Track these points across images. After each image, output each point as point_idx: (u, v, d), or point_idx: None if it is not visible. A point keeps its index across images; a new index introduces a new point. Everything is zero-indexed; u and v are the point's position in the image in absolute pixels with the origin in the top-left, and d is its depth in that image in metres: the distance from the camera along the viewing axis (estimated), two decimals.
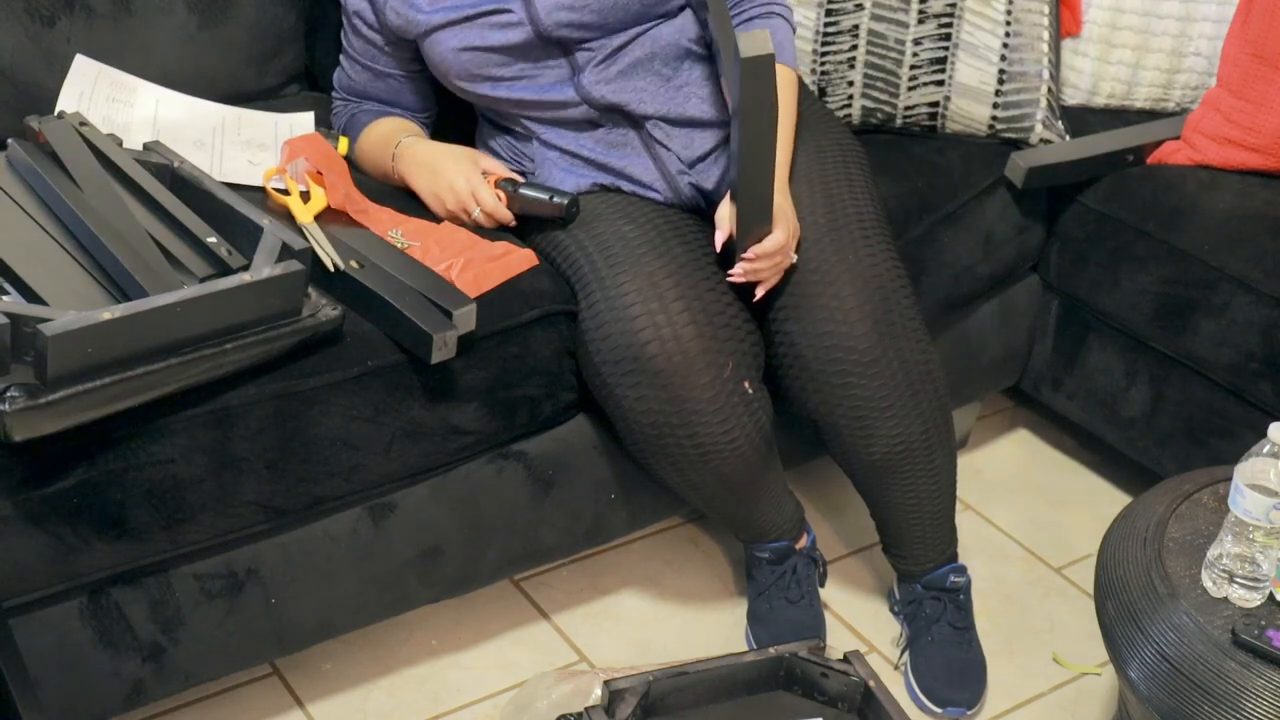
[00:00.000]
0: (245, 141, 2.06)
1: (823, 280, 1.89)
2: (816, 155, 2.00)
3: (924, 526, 2.04)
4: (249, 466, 1.70)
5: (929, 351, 1.93)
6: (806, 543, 2.15)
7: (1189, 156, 2.33)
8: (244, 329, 1.64)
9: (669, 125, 1.96)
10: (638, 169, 1.97)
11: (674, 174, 1.97)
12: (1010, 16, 2.32)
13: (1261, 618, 1.61)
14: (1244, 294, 2.15)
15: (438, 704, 2.02)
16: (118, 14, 2.06)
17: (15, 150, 1.81)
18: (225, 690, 1.99)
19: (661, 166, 1.97)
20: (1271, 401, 2.13)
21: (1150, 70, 2.41)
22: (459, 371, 1.80)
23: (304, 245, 1.75)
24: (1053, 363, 2.45)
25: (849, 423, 1.92)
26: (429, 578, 1.94)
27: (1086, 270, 2.35)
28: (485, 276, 1.86)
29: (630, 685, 1.76)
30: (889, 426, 1.92)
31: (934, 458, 1.97)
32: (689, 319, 1.79)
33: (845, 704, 1.83)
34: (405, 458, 1.81)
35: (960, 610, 2.08)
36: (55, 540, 1.61)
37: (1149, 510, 1.79)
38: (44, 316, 1.51)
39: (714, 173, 1.98)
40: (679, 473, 1.89)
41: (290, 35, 2.25)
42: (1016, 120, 2.34)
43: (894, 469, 1.96)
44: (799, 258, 1.89)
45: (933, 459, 1.97)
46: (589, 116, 1.96)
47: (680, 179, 1.97)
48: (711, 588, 2.25)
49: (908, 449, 1.94)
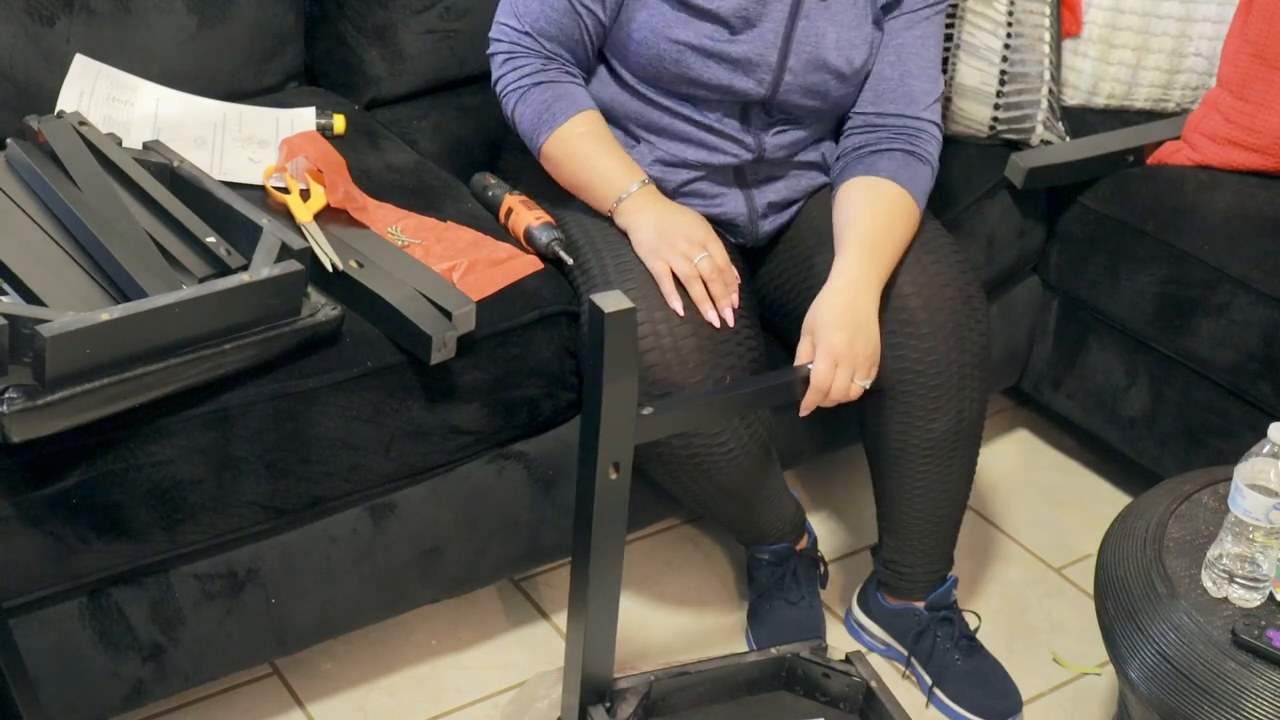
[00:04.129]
0: (246, 138, 2.06)
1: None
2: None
3: (943, 525, 2.01)
4: (249, 467, 1.70)
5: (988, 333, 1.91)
6: (807, 544, 2.14)
7: (1189, 157, 2.33)
8: (243, 329, 1.64)
9: (779, 180, 1.98)
10: (730, 205, 1.97)
11: (758, 217, 1.98)
12: (1011, 17, 2.32)
13: (1261, 618, 1.61)
14: (1244, 294, 2.15)
15: (438, 704, 2.02)
16: (117, 13, 2.06)
17: (14, 150, 1.81)
18: (225, 690, 1.99)
19: (751, 205, 1.97)
20: (1271, 401, 2.13)
21: (1150, 70, 2.41)
22: (459, 372, 1.80)
23: (303, 245, 1.75)
24: (1053, 363, 2.45)
25: (925, 392, 1.87)
26: (429, 578, 1.94)
27: (1086, 270, 2.35)
28: (488, 280, 1.86)
29: (631, 685, 1.77)
30: (959, 399, 1.88)
31: (978, 444, 1.96)
32: (690, 330, 1.78)
33: (847, 704, 1.83)
34: (405, 458, 1.81)
35: (961, 620, 2.08)
36: (55, 540, 1.61)
37: (1149, 510, 1.78)
38: (42, 317, 1.51)
39: (783, 217, 2.01)
40: (675, 479, 1.89)
41: (290, 34, 2.25)
42: (1017, 121, 2.34)
43: (948, 449, 1.92)
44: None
45: (977, 445, 1.96)
46: (736, 161, 1.94)
47: (762, 223, 1.98)
48: (712, 588, 2.25)
49: (970, 426, 1.92)
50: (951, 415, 1.89)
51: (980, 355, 1.89)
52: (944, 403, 1.88)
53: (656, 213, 1.84)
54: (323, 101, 2.21)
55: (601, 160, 1.88)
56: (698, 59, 1.85)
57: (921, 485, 1.95)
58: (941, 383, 1.87)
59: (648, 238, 1.82)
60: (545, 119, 1.88)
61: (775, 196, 1.98)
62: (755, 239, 2.01)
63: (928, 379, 1.86)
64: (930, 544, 2.02)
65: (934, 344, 1.85)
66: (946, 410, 1.88)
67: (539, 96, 1.89)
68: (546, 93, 1.89)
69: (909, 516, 2.00)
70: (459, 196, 2.06)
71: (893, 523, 2.03)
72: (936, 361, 1.86)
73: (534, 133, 1.90)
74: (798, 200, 2.01)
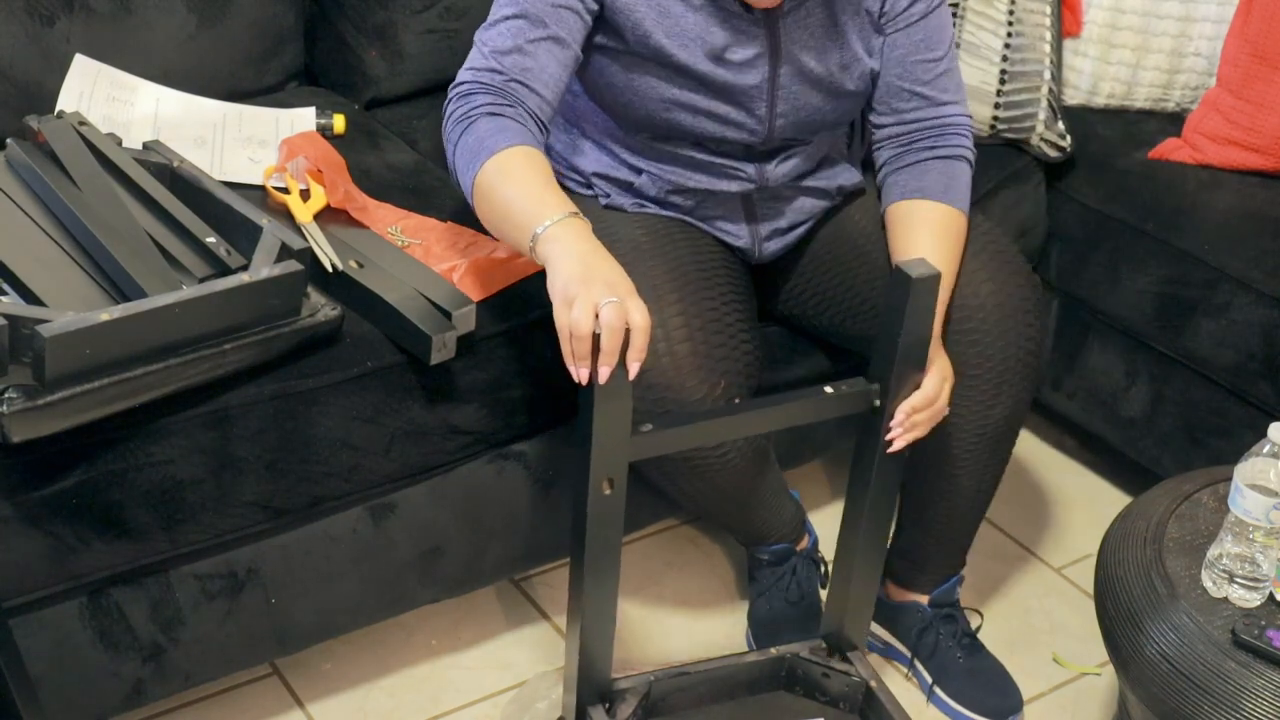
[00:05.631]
0: (246, 138, 2.06)
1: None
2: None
3: (967, 520, 2.00)
4: (249, 467, 1.70)
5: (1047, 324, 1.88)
6: (808, 544, 2.14)
7: (1189, 156, 2.33)
8: (243, 329, 1.64)
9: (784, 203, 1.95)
10: (733, 231, 1.94)
11: (763, 239, 1.96)
12: (1012, 16, 2.32)
13: (1261, 618, 1.61)
14: (1244, 294, 2.15)
15: (438, 704, 2.02)
16: (117, 13, 2.06)
17: (14, 150, 1.81)
18: (225, 690, 1.99)
19: (755, 234, 1.95)
20: (1271, 401, 2.13)
21: (1150, 70, 2.41)
22: (459, 372, 1.80)
23: (303, 245, 1.75)
24: (1053, 363, 2.44)
25: (990, 378, 1.85)
26: (429, 578, 1.94)
27: (1086, 270, 2.35)
28: (489, 281, 1.86)
29: (631, 685, 1.77)
30: (1019, 388, 1.87)
31: (1016, 440, 1.95)
32: (686, 335, 1.76)
33: (846, 704, 1.83)
34: (405, 458, 1.81)
35: (963, 618, 2.08)
36: (55, 541, 1.61)
37: (1149, 510, 1.78)
38: (42, 318, 1.51)
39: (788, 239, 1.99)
40: (671, 482, 1.89)
41: (290, 34, 2.25)
42: (1018, 120, 2.34)
43: (995, 441, 1.90)
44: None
45: (1015, 440, 1.95)
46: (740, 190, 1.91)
47: (767, 245, 1.96)
48: (711, 588, 2.25)
49: (1020, 418, 1.91)
50: (1009, 404, 1.88)
51: (1041, 345, 1.89)
52: (1005, 390, 1.87)
53: (579, 251, 1.53)
54: (323, 101, 2.21)
55: (531, 188, 1.60)
56: (687, 115, 1.83)
57: (962, 476, 1.94)
58: (1007, 369, 1.85)
59: (561, 280, 1.51)
60: (485, 147, 1.64)
61: (782, 223, 1.97)
62: (758, 260, 2.00)
63: (995, 364, 1.85)
64: (953, 538, 2.03)
65: (1002, 330, 1.84)
66: (1006, 399, 1.87)
67: (480, 128, 1.66)
68: (490, 125, 1.66)
69: (941, 509, 1.98)
70: (459, 197, 2.06)
71: (919, 514, 2.01)
72: (1005, 347, 1.85)
73: (469, 164, 1.65)
74: (804, 222, 1.99)
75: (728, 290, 1.84)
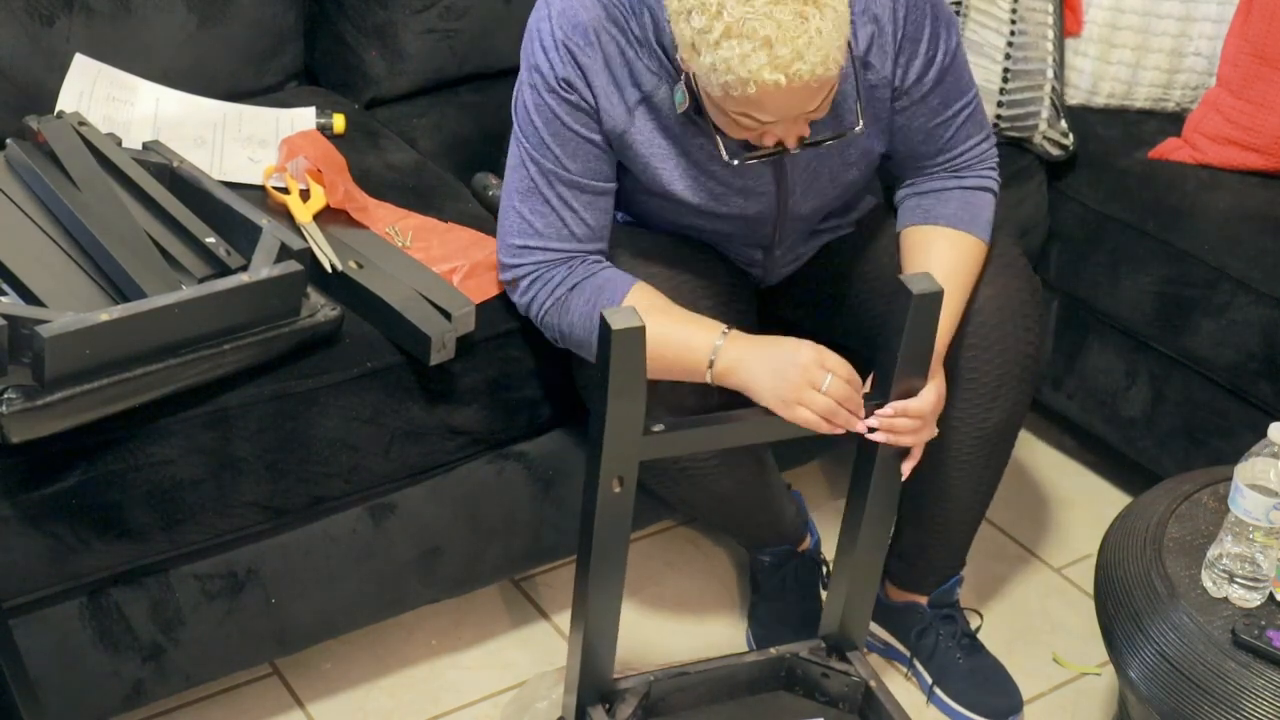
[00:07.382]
0: (246, 138, 2.06)
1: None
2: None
3: (967, 522, 2.00)
4: (248, 467, 1.70)
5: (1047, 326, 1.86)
6: (810, 545, 2.14)
7: (1189, 156, 2.32)
8: (243, 329, 1.64)
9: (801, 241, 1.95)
10: (744, 256, 1.93)
11: (779, 268, 1.96)
12: (1015, 15, 2.32)
13: (1261, 618, 1.61)
14: (1244, 294, 2.15)
15: (438, 704, 2.02)
16: (117, 13, 2.06)
17: (14, 150, 1.82)
18: (225, 690, 1.99)
19: (770, 259, 1.94)
20: (1271, 401, 2.13)
21: (1150, 70, 2.40)
22: (458, 373, 1.80)
23: (303, 246, 1.75)
24: (1053, 363, 2.44)
25: (988, 381, 1.85)
26: (429, 578, 1.94)
27: (1086, 270, 2.35)
28: (490, 282, 1.85)
29: (631, 686, 1.77)
30: (1018, 391, 1.87)
31: (1015, 441, 1.95)
32: None
33: (846, 704, 1.83)
34: (405, 458, 1.81)
35: (962, 618, 2.08)
36: (55, 541, 1.61)
37: (1149, 510, 1.78)
38: (42, 318, 1.51)
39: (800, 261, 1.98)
40: (668, 488, 1.89)
41: (290, 34, 2.25)
42: (1020, 119, 2.34)
43: (994, 444, 1.90)
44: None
45: (1014, 442, 1.95)
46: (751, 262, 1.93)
47: (780, 271, 1.96)
48: (712, 588, 2.24)
49: (1019, 421, 1.91)
50: (1008, 407, 1.88)
51: (1040, 349, 1.89)
52: (1004, 393, 1.87)
53: (758, 357, 1.67)
54: (323, 101, 2.21)
55: (674, 329, 1.69)
56: (698, 228, 1.85)
57: (960, 478, 1.93)
58: (1006, 372, 1.85)
59: (767, 388, 1.65)
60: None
61: (793, 253, 1.96)
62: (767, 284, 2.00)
63: (994, 368, 1.85)
64: (952, 539, 2.03)
65: (1001, 335, 1.84)
66: (1004, 402, 1.87)
67: (579, 301, 1.74)
68: (586, 292, 1.73)
69: (940, 510, 1.99)
70: (459, 196, 2.06)
71: (919, 516, 2.01)
72: (1004, 351, 1.85)
73: (591, 337, 1.65)
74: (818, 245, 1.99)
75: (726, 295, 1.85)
